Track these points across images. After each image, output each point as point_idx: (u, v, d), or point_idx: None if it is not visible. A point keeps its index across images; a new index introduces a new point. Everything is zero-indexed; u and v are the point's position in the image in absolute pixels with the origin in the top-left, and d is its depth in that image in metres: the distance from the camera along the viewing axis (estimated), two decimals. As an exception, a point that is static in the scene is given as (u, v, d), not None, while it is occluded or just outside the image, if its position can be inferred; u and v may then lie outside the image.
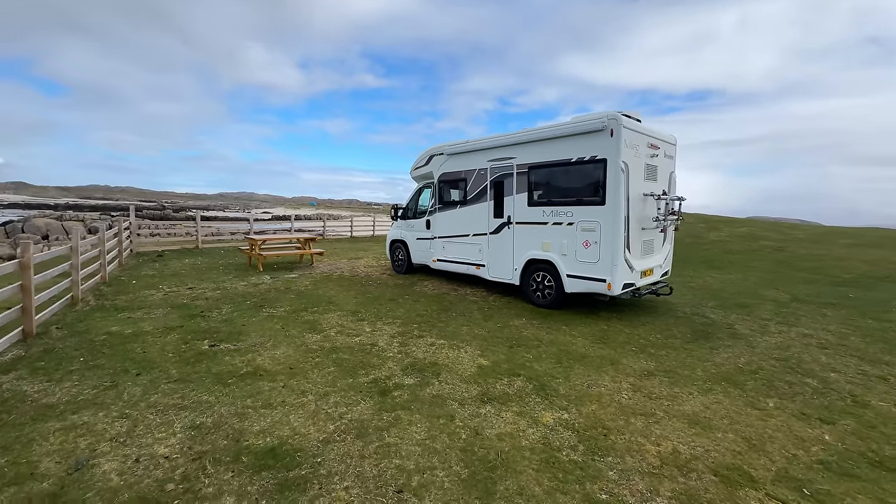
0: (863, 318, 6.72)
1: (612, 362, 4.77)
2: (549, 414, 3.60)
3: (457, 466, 2.84)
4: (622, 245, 6.11)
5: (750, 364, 4.81)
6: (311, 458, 2.86)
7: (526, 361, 4.74)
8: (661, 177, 7.05)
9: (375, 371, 4.37)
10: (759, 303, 7.72)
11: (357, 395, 3.82)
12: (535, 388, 4.07)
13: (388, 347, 5.07)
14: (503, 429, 3.33)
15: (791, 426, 3.48)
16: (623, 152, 6.01)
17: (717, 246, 15.74)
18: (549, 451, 3.06)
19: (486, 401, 3.80)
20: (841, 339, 5.69)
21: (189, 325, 5.68)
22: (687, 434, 3.33)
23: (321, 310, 6.66)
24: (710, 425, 3.47)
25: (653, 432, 3.34)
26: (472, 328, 5.92)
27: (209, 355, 4.62)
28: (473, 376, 4.31)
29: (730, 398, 3.96)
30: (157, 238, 13.37)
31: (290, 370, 4.30)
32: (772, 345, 5.46)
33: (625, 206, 6.06)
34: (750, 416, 3.65)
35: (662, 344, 5.43)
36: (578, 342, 5.43)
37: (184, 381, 3.95)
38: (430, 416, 3.49)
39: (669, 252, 7.56)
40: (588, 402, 3.84)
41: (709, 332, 5.93)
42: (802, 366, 4.77)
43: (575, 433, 3.31)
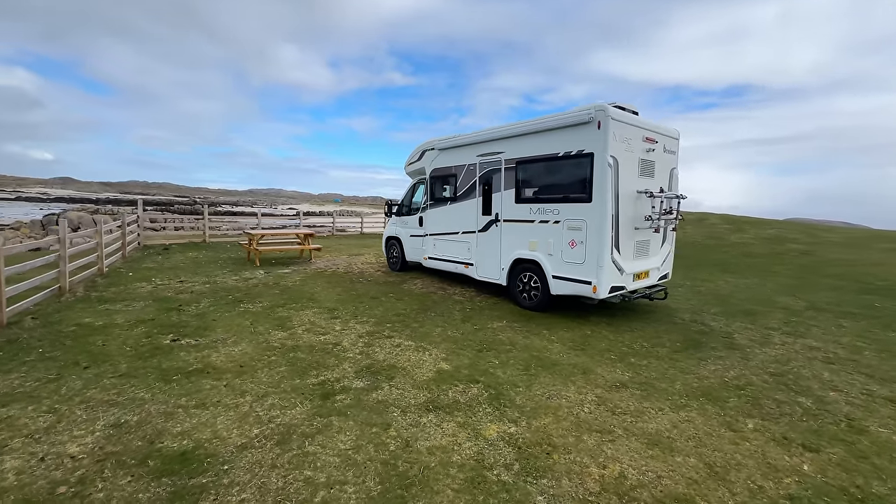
0: (885, 331, 6.07)
1: (585, 371, 4.43)
2: (495, 427, 3.32)
3: (371, 482, 2.62)
4: (609, 245, 5.71)
5: (739, 378, 4.37)
6: (219, 466, 2.70)
7: (490, 367, 4.46)
8: (660, 173, 6.59)
9: (328, 372, 4.19)
10: (769, 310, 7.12)
11: (297, 397, 3.66)
12: (490, 397, 3.80)
13: (350, 347, 4.89)
14: (438, 441, 3.09)
15: (766, 452, 3.09)
16: (611, 146, 5.61)
17: (738, 248, 14.82)
18: (480, 468, 2.79)
19: (431, 409, 3.56)
20: (852, 354, 5.13)
21: (161, 318, 5.68)
22: (642, 456, 2.99)
23: (299, 306, 6.57)
24: (672, 447, 3.11)
25: (604, 452, 3.02)
26: (447, 330, 5.68)
27: (166, 350, 4.57)
28: (428, 382, 4.07)
29: (704, 416, 3.58)
30: (164, 232, 13.73)
31: (239, 368, 4.18)
32: (770, 358, 4.97)
33: (612, 204, 5.66)
34: (722, 438, 3.26)
35: (646, 353, 5.03)
36: (554, 348, 5.10)
37: (128, 377, 3.90)
38: (365, 423, 3.29)
39: (669, 254, 7.08)
40: (543, 414, 3.54)
41: (702, 342, 5.47)
42: (799, 382, 4.29)
43: (516, 449, 3.03)
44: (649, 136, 6.26)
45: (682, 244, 15.79)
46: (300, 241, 11.37)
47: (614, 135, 5.63)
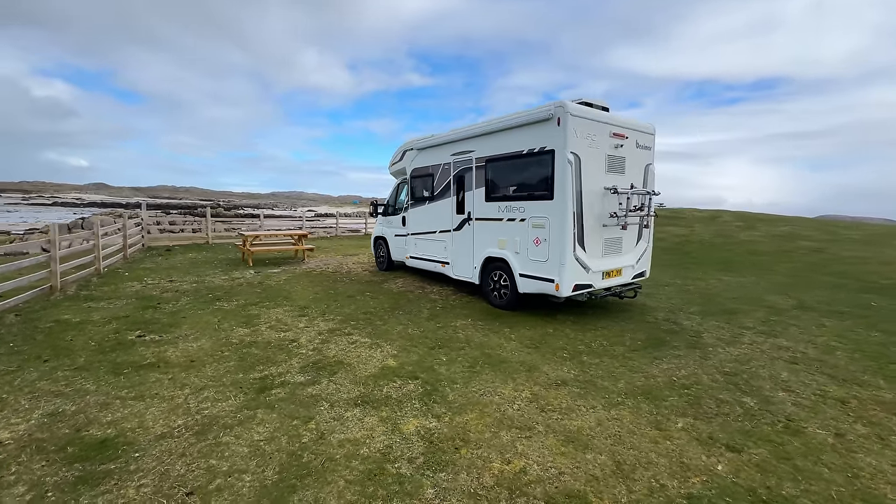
0: (868, 331, 5.79)
1: (530, 369, 4.41)
2: (416, 421, 3.35)
3: (270, 472, 2.70)
4: (570, 243, 5.65)
5: (688, 378, 4.26)
6: (131, 453, 2.83)
7: (436, 364, 4.49)
8: (633, 169, 6.47)
9: (273, 368, 4.31)
10: (752, 309, 6.88)
11: (234, 391, 3.78)
12: (424, 393, 3.83)
13: (306, 344, 5.00)
14: (353, 435, 3.15)
15: (684, 452, 3.02)
16: (571, 142, 5.55)
17: (744, 246, 14.31)
18: (383, 462, 2.83)
19: (360, 404, 3.62)
20: (823, 354, 4.92)
21: (136, 315, 5.94)
22: (552, 453, 2.97)
23: (272, 304, 6.74)
24: (587, 444, 3.08)
25: (514, 448, 3.02)
26: (409, 327, 5.73)
27: (128, 345, 4.78)
28: (368, 377, 4.13)
29: (635, 415, 3.51)
30: (167, 234, 14.26)
31: (189, 363, 4.35)
32: (731, 357, 4.82)
33: (574, 201, 5.60)
34: (643, 436, 3.20)
35: (602, 351, 4.95)
36: (509, 346, 5.08)
37: (82, 370, 4.11)
38: (289, 416, 3.37)
39: (646, 251, 6.94)
40: (470, 410, 3.55)
41: (665, 340, 5.35)
42: (751, 382, 4.16)
43: (427, 444, 3.05)
44: (617, 131, 6.15)
45: (687, 243, 15.38)
46: (294, 242, 11.62)
47: (574, 131, 5.57)
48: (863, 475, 2.79)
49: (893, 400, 3.82)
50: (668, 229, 17.97)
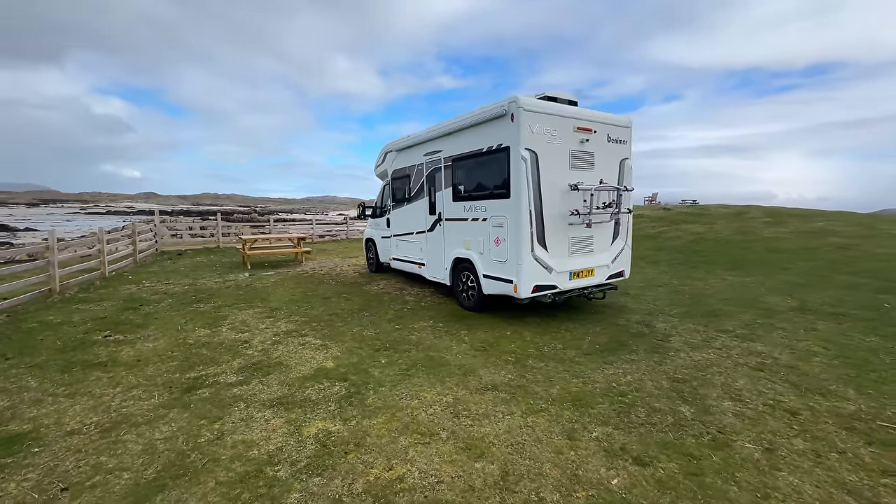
0: (864, 335, 5.24)
1: (467, 372, 4.28)
2: (321, 424, 3.32)
3: (151, 471, 2.74)
4: (528, 242, 5.46)
5: (631, 384, 4.00)
6: (34, 448, 2.97)
7: (373, 366, 4.44)
8: (603, 164, 6.18)
9: (213, 368, 4.41)
10: (741, 311, 6.40)
11: (162, 390, 3.89)
12: (345, 396, 3.80)
13: (257, 345, 5.09)
14: (252, 436, 3.16)
15: (584, 463, 2.82)
16: (526, 139, 5.36)
17: (765, 244, 13.35)
18: (265, 464, 2.82)
19: (275, 405, 3.63)
20: (798, 360, 4.50)
21: (114, 316, 6.25)
22: (442, 461, 2.86)
23: (246, 306, 6.92)
24: (484, 453, 2.94)
25: (405, 455, 2.93)
26: (366, 329, 5.71)
27: (90, 345, 5.04)
28: (298, 379, 4.14)
29: (552, 423, 3.33)
30: (178, 239, 14.99)
31: (136, 363, 4.52)
32: (690, 363, 4.49)
33: (530, 199, 5.41)
34: (548, 446, 3.03)
35: (552, 355, 4.74)
36: (459, 348, 4.95)
37: (35, 367, 4.36)
38: (199, 416, 3.43)
39: (623, 250, 6.60)
40: (382, 414, 3.48)
41: (627, 344, 5.06)
42: (699, 390, 3.85)
43: (320, 447, 3.02)
44: (583, 125, 5.90)
45: (701, 241, 14.57)
46: (293, 245, 11.91)
47: (529, 127, 5.38)
48: (774, 496, 2.51)
49: (854, 413, 3.43)
50: (685, 227, 17.10)
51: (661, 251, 13.21)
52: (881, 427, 3.22)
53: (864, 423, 3.28)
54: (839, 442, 3.03)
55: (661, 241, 15.00)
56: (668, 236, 15.50)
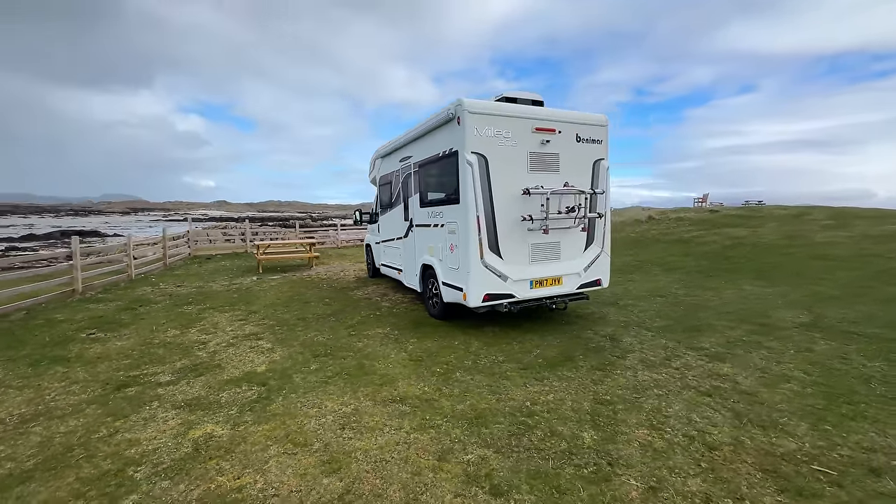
0: (871, 359, 4.44)
1: (386, 383, 4.18)
2: (210, 427, 3.40)
3: (31, 462, 2.96)
4: (476, 249, 5.25)
5: (547, 403, 3.69)
6: (-45, 434, 3.32)
7: (301, 372, 4.48)
8: (571, 166, 5.81)
9: (156, 367, 4.68)
10: (732, 327, 5.68)
11: (96, 386, 4.19)
12: (254, 400, 3.87)
13: (211, 347, 5.33)
14: (142, 435, 3.30)
15: (434, 488, 2.64)
16: (472, 142, 5.17)
17: (812, 249, 11.77)
18: (130, 464, 2.93)
19: (184, 406, 3.77)
20: (762, 386, 3.91)
21: (109, 315, 6.86)
22: (295, 474, 2.81)
23: (229, 308, 7.29)
24: (341, 469, 2.85)
25: (265, 465, 2.91)
26: (321, 334, 5.78)
27: (70, 341, 5.56)
28: (223, 381, 4.28)
29: (434, 441, 3.15)
30: (212, 244, 16.15)
31: (96, 359, 4.92)
32: (631, 383, 4.06)
33: (476, 204, 5.20)
34: (411, 466, 2.87)
35: (485, 368, 4.50)
36: (396, 357, 4.86)
37: (12, 360, 4.89)
38: (110, 412, 3.65)
39: (599, 257, 6.13)
40: (274, 421, 3.49)
41: (574, 359, 4.68)
42: (619, 415, 3.47)
43: (193, 450, 3.08)
44: (542, 125, 5.58)
45: (737, 246, 13.19)
46: (305, 250, 12.40)
47: (476, 130, 5.19)
48: (619, 544, 2.19)
49: (790, 452, 2.91)
50: (726, 231, 15.59)
51: (687, 257, 12.14)
52: (812, 472, 2.70)
53: (794, 466, 2.77)
54: (744, 487, 2.59)
55: (692, 246, 13.81)
56: (702, 241, 14.22)
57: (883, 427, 3.19)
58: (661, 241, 15.41)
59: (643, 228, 18.47)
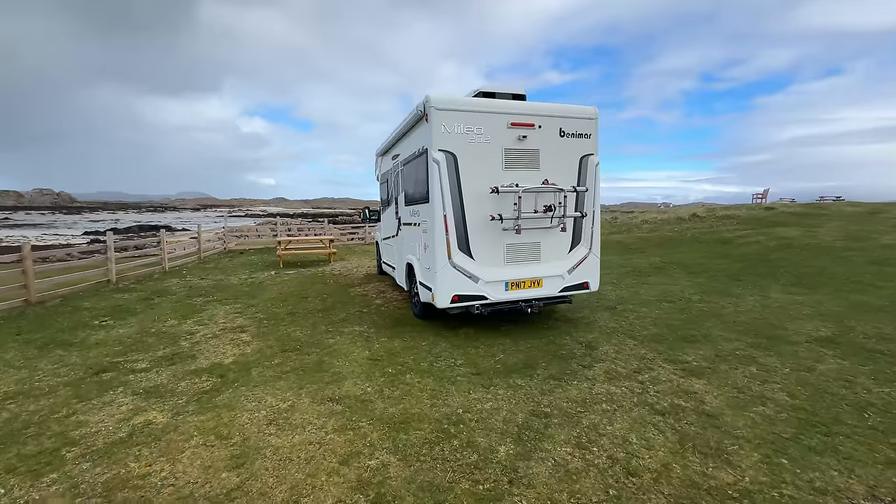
0: (883, 384, 3.82)
1: (333, 381, 4.20)
2: (154, 415, 3.60)
3: (-9, 436, 3.30)
4: (443, 249, 5.13)
5: (481, 412, 3.54)
6: (-53, 406, 3.77)
7: (260, 366, 4.62)
8: (554, 163, 5.51)
9: (139, 354, 5.03)
10: (732, 339, 5.11)
11: (80, 370, 4.58)
12: (206, 391, 4.04)
13: (198, 338, 5.65)
14: (94, 417, 3.56)
15: (319, 492, 2.62)
16: (439, 139, 5.05)
17: (871, 254, 10.27)
18: (70, 444, 3.18)
19: (143, 393, 4.02)
20: (728, 408, 3.49)
21: (127, 305, 7.49)
22: (202, 465, 2.91)
23: (232, 301, 7.70)
24: (245, 464, 2.91)
25: (181, 455, 3.03)
26: (299, 330, 5.92)
27: (82, 328, 6.12)
28: (189, 371, 4.51)
29: (348, 444, 3.13)
30: (244, 239, 17.14)
31: (94, 345, 5.38)
32: (582, 396, 3.78)
33: (443, 203, 5.07)
34: (311, 468, 2.86)
35: (438, 371, 4.39)
36: (357, 355, 4.88)
37: (27, 342, 5.47)
38: (78, 395, 3.97)
39: (587, 259, 5.77)
40: (212, 412, 3.64)
41: (535, 366, 4.44)
42: (549, 430, 3.25)
43: (128, 435, 3.28)
44: (520, 120, 5.33)
45: (782, 248, 11.87)
46: (324, 247, 12.84)
47: (444, 127, 5.05)
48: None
49: (719, 486, 2.58)
50: (777, 231, 14.11)
51: (721, 259, 11.13)
52: (735, 511, 2.37)
53: (716, 503, 2.44)
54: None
55: (732, 247, 12.63)
56: (744, 241, 12.97)
57: (852, 465, 2.73)
58: (700, 240, 14.24)
59: (683, 227, 17.18)
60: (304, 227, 19.26)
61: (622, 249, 13.81)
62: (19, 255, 7.07)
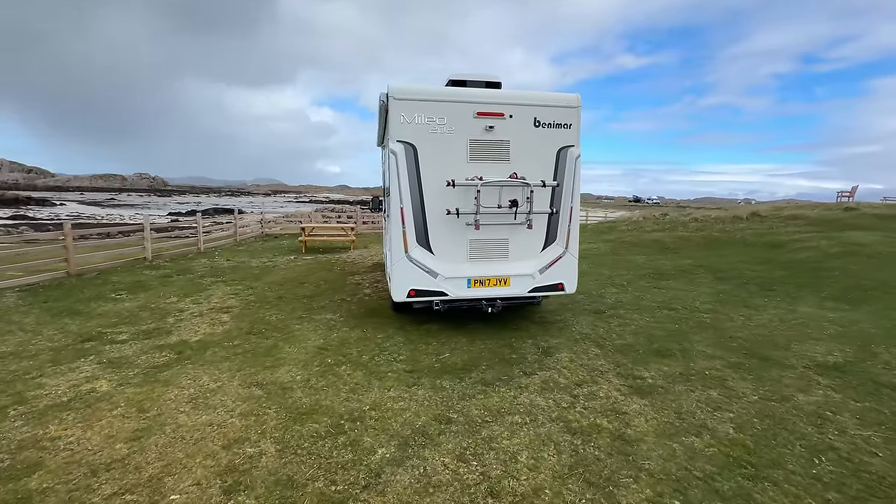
0: (863, 428, 3.18)
1: (271, 367, 4.35)
2: (102, 384, 3.95)
3: (-33, 389, 3.81)
4: (399, 242, 5.04)
5: (385, 412, 3.47)
6: (-47, 361, 4.41)
7: (218, 347, 4.88)
8: (526, 155, 5.17)
9: (127, 327, 5.52)
10: (713, 357, 4.53)
11: (71, 337, 5.12)
12: (157, 366, 4.36)
13: (185, 315, 6.07)
14: (54, 381, 3.99)
15: (183, 472, 2.73)
16: (397, 130, 4.93)
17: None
18: (17, 403, 3.59)
19: (105, 363, 4.42)
20: (654, 435, 3.11)
21: (148, 281, 8.24)
22: (105, 436, 3.15)
23: (237, 282, 8.18)
24: (142, 438, 3.11)
25: (96, 424, 3.32)
26: (278, 314, 6.15)
27: (97, 299, 6.83)
28: (157, 346, 4.88)
29: (241, 430, 3.23)
30: (282, 225, 18.08)
31: (98, 316, 5.99)
32: (497, 405, 3.57)
33: (400, 196, 4.97)
34: (193, 449, 3.00)
35: (373, 366, 4.37)
36: (312, 343, 5.00)
37: (48, 310, 6.22)
38: (54, 360, 4.46)
39: (562, 258, 5.39)
40: (149, 386, 3.92)
41: (473, 369, 4.25)
42: (440, 437, 3.11)
43: (68, 400, 3.64)
44: (487, 109, 5.04)
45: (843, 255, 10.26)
46: (345, 234, 13.24)
47: (403, 117, 4.92)
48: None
49: None
50: (846, 235, 12.23)
51: (763, 264, 9.88)
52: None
53: (565, 539, 2.19)
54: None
55: (782, 251, 11.17)
56: (799, 246, 11.40)
57: (756, 519, 2.31)
58: (748, 242, 12.76)
59: (736, 227, 15.46)
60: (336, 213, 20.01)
61: (656, 249, 12.76)
62: (62, 232, 8.07)
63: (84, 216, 41.59)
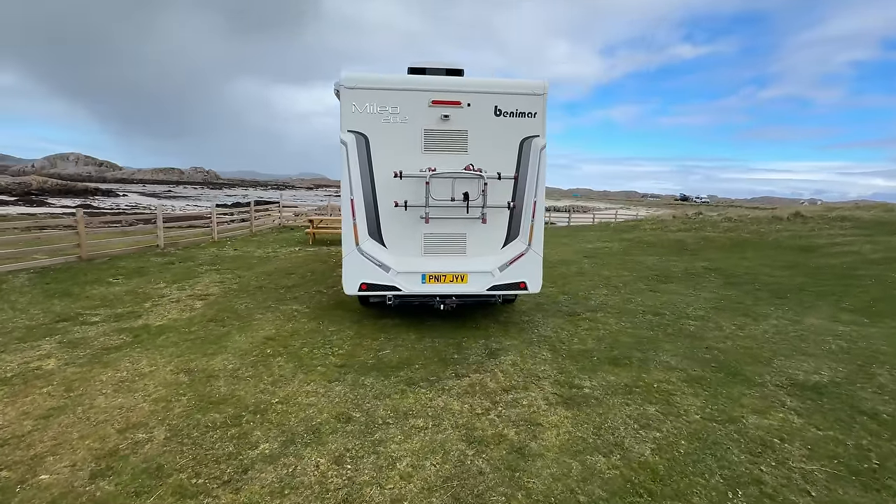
0: (809, 461, 2.72)
1: (212, 354, 4.41)
2: (50, 362, 4.15)
3: (-67, 361, 4.12)
4: (350, 234, 4.93)
5: (292, 405, 3.40)
6: (-62, 334, 4.80)
7: (175, 332, 5.02)
8: (486, 146, 4.92)
9: (106, 310, 5.81)
10: (679, 369, 4.12)
11: (52, 316, 5.43)
12: (107, 349, 4.53)
13: (164, 300, 6.32)
14: (16, 357, 4.24)
15: (65, 455, 2.77)
16: (349, 120, 4.80)
17: None
18: (-31, 376, 3.83)
19: (67, 343, 4.65)
20: (560, 452, 2.83)
21: (149, 267, 8.66)
22: (22, 412, 3.28)
23: (228, 271, 8.43)
24: (49, 416, 3.22)
25: (33, 398, 3.46)
26: (252, 303, 6.25)
27: (95, 282, 7.26)
28: (125, 329, 5.08)
29: (146, 416, 3.27)
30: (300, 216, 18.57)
31: (85, 298, 6.36)
32: (411, 408, 3.40)
33: (349, 187, 4.85)
34: (89, 429, 3.06)
35: (307, 360, 4.32)
36: (263, 333, 5.03)
37: (47, 292, 6.67)
38: (24, 338, 4.74)
39: (525, 255, 5.09)
40: (90, 367, 4.07)
41: (403, 368, 4.10)
42: (331, 437, 2.99)
43: (20, 374, 3.85)
44: (442, 98, 4.82)
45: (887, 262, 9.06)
46: (353, 227, 13.37)
47: (354, 106, 4.79)
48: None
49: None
50: (892, 240, 10.86)
51: (787, 269, 8.96)
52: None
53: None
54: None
55: (813, 255, 10.10)
56: (835, 251, 10.26)
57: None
58: (779, 245, 11.65)
59: (771, 228, 14.15)
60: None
61: (673, 250, 11.92)
62: (75, 219, 8.67)
63: (141, 206, 44.97)
